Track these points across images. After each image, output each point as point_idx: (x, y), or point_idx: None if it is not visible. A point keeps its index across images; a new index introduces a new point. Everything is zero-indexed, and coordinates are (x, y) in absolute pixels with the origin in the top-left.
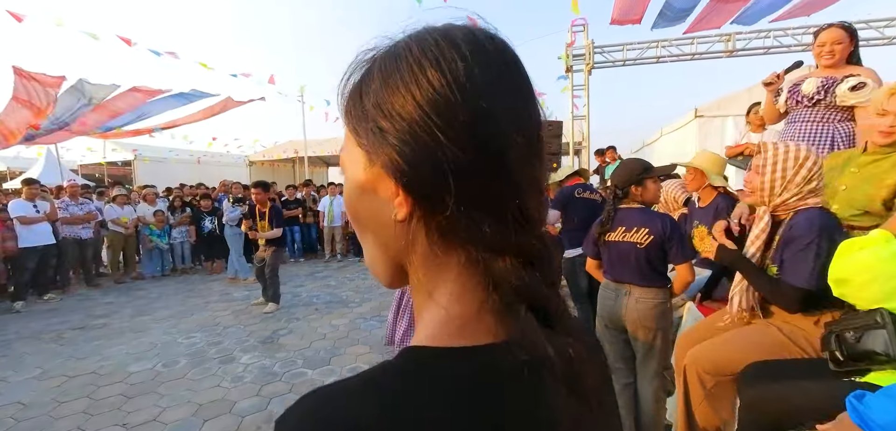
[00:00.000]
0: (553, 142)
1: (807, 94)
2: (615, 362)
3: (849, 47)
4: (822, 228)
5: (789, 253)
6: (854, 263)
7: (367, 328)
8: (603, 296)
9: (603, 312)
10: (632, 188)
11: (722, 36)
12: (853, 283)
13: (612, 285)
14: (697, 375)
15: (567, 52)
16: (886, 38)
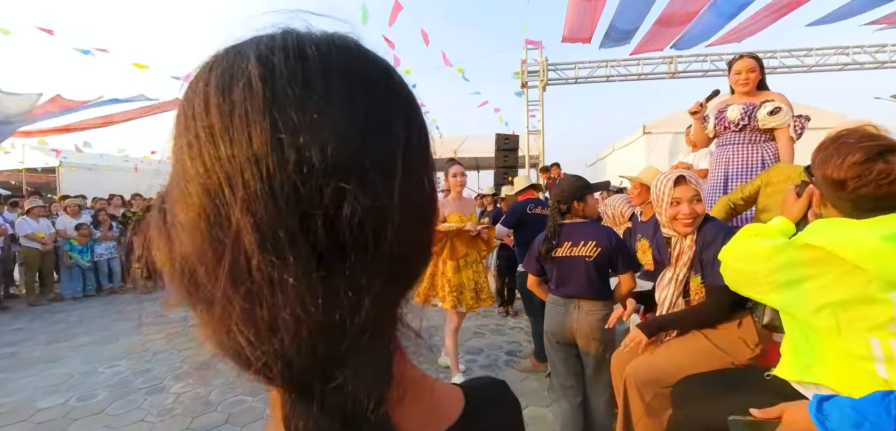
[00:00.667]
0: (510, 155)
1: (733, 121)
2: (567, 380)
3: (759, 75)
4: (727, 230)
5: (707, 256)
6: (735, 247)
7: None
8: (551, 313)
9: (552, 329)
10: (574, 203)
11: (665, 58)
12: (726, 266)
13: (560, 300)
14: (637, 388)
15: (522, 69)
16: (805, 66)
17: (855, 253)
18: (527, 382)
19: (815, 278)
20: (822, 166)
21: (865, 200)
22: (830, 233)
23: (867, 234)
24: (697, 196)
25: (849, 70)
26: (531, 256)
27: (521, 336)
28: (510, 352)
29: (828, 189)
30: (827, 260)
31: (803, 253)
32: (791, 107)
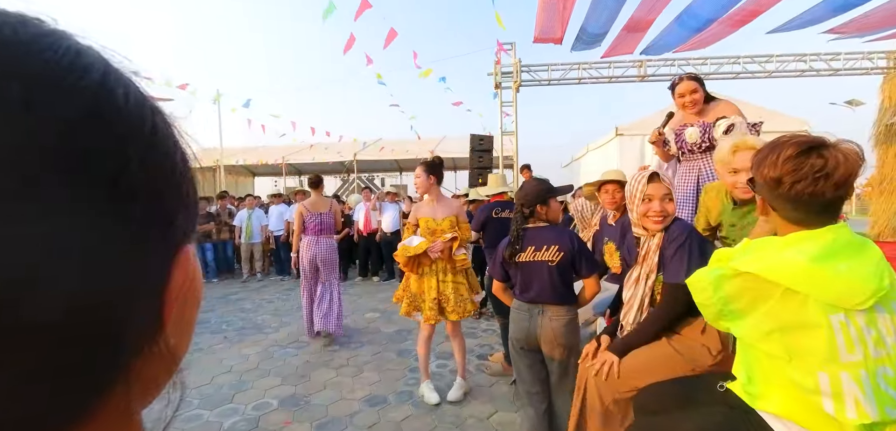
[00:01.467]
0: (485, 156)
1: (694, 144)
2: (532, 386)
3: (701, 93)
4: (691, 230)
5: (668, 254)
6: (693, 279)
7: (281, 356)
8: (516, 318)
9: (517, 335)
10: (537, 207)
11: (635, 62)
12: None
13: (525, 306)
14: (597, 391)
15: (496, 70)
16: (766, 72)
17: (786, 277)
18: (496, 386)
19: (758, 305)
20: (759, 167)
21: (803, 199)
22: (758, 258)
23: (796, 255)
24: (669, 195)
25: (806, 76)
26: (496, 261)
27: (493, 339)
28: (481, 356)
29: (767, 191)
30: (762, 286)
31: (738, 282)
32: (743, 116)
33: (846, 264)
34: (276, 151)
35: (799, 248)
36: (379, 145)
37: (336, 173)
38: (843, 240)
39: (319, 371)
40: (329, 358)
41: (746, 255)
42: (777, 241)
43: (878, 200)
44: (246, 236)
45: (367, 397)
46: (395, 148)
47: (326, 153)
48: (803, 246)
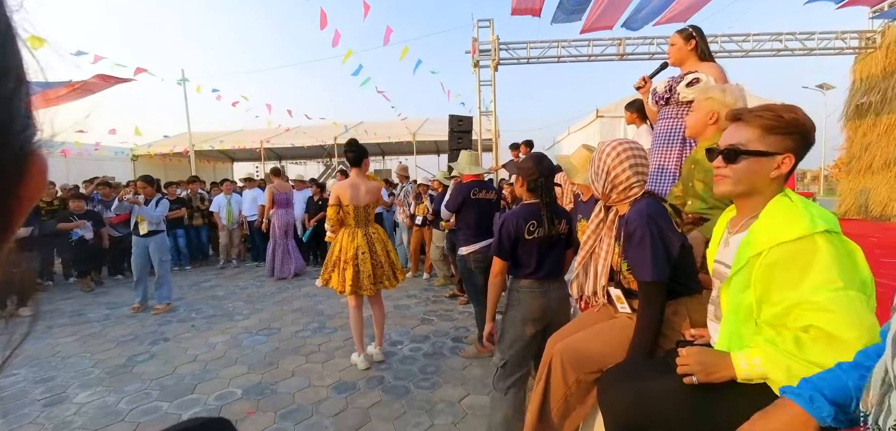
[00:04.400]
0: (464, 137)
1: (659, 93)
2: (523, 367)
3: (684, 48)
4: (649, 217)
5: (631, 250)
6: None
7: (250, 344)
8: (528, 298)
9: (533, 314)
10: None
11: (614, 40)
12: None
13: (538, 283)
14: (562, 369)
15: (474, 47)
16: (743, 51)
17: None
18: (469, 369)
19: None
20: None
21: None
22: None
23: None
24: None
25: (782, 56)
26: (503, 241)
27: (470, 321)
28: (456, 339)
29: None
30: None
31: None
32: (723, 79)
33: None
34: (254, 136)
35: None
36: (361, 128)
37: (317, 158)
38: None
39: (289, 358)
40: (299, 344)
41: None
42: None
43: (845, 180)
44: (228, 221)
45: (336, 383)
46: (378, 131)
47: (305, 137)
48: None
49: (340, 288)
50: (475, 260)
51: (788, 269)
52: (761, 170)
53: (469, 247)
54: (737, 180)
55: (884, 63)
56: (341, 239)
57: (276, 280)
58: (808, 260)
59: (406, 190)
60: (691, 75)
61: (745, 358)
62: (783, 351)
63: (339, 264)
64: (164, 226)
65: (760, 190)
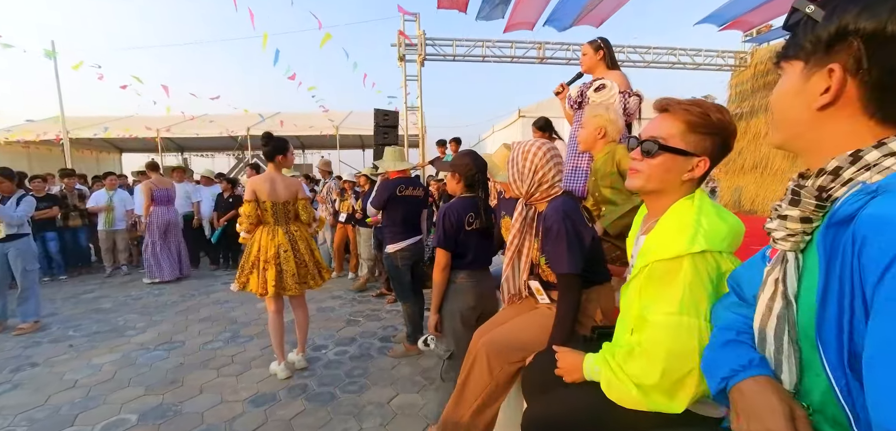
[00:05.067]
0: (390, 132)
1: (573, 98)
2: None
3: (594, 57)
4: (565, 213)
5: (548, 245)
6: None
7: (147, 361)
8: (466, 289)
9: (472, 303)
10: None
11: (535, 43)
12: None
13: (476, 273)
14: (487, 360)
15: (400, 41)
16: (645, 62)
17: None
18: (398, 369)
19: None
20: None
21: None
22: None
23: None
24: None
25: (676, 68)
26: (447, 233)
27: (398, 320)
28: (385, 339)
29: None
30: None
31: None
32: (626, 86)
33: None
34: (150, 123)
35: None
36: (278, 119)
37: (227, 150)
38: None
39: (196, 373)
40: (209, 357)
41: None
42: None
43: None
44: (106, 223)
45: (254, 396)
46: (297, 122)
47: (213, 127)
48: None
49: (261, 291)
50: (402, 258)
51: (656, 285)
52: (675, 170)
53: (396, 245)
54: (649, 176)
55: (752, 80)
56: (260, 239)
57: (158, 282)
58: (669, 279)
59: (329, 185)
60: (599, 82)
61: (591, 365)
62: (613, 363)
63: (258, 265)
64: (29, 229)
65: (670, 190)
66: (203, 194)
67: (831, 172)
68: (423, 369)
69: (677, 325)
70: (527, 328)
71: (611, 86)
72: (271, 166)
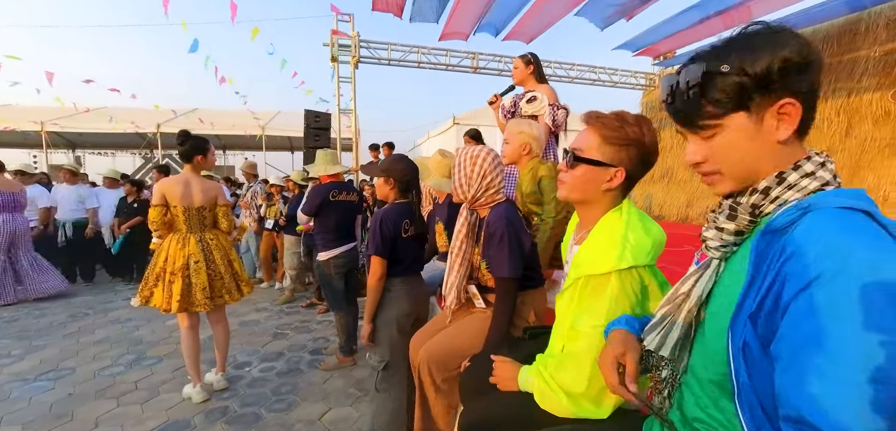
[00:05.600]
0: (322, 135)
1: (506, 108)
2: (404, 363)
3: (525, 71)
4: (508, 221)
5: (491, 249)
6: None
7: (24, 394)
8: (401, 295)
9: (408, 310)
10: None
11: (469, 53)
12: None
13: (411, 278)
14: (429, 370)
15: (332, 41)
16: (569, 77)
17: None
18: (331, 382)
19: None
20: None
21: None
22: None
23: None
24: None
25: (596, 85)
26: (385, 239)
27: (330, 331)
28: (315, 351)
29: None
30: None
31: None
32: (555, 99)
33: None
34: (33, 114)
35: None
36: (195, 116)
37: (133, 149)
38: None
39: (90, 405)
40: (106, 384)
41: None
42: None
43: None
44: None
45: (163, 425)
46: (217, 121)
47: (113, 122)
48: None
49: (165, 306)
50: (336, 266)
51: (587, 298)
52: (594, 180)
53: (329, 252)
54: (572, 186)
55: (659, 99)
56: (168, 248)
57: (33, 301)
58: (598, 293)
59: (254, 190)
60: (531, 94)
61: (525, 377)
62: (546, 374)
63: (163, 277)
64: None
65: (594, 200)
66: (102, 198)
67: (762, 191)
68: (356, 380)
69: (603, 336)
70: (463, 334)
71: (541, 98)
72: (188, 167)
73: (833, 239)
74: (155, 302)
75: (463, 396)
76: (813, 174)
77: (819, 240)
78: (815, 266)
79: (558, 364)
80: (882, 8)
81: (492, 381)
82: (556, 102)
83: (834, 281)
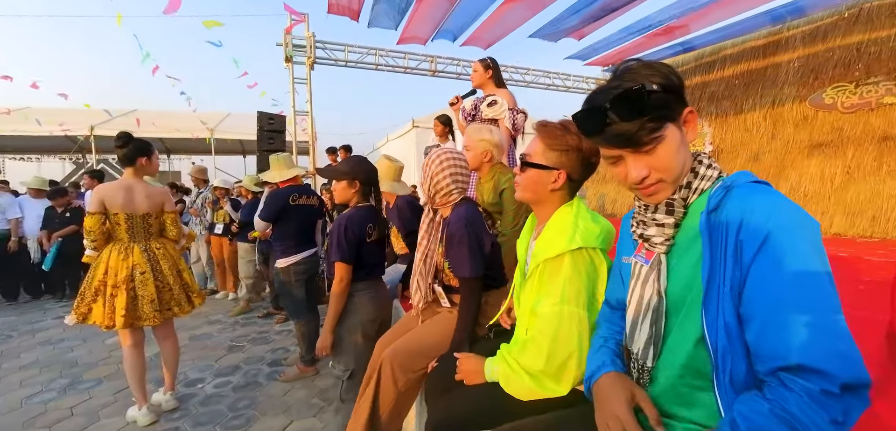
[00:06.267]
0: (276, 137)
1: (467, 110)
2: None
3: (484, 75)
4: (468, 221)
5: (451, 250)
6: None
7: None
8: (366, 300)
9: (373, 315)
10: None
11: (428, 56)
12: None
13: (375, 282)
14: (392, 373)
15: (286, 41)
16: (526, 82)
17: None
18: (292, 393)
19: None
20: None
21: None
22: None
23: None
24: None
25: (551, 90)
26: (350, 245)
27: (290, 340)
28: (274, 363)
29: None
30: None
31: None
32: (514, 104)
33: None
34: None
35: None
36: (133, 117)
37: (62, 152)
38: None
39: None
40: (35, 413)
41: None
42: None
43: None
44: None
45: None
46: (157, 122)
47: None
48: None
49: (108, 322)
50: (296, 273)
51: (545, 282)
52: (541, 182)
53: (289, 259)
54: (524, 187)
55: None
56: (107, 259)
57: None
58: (554, 275)
59: (204, 196)
60: (491, 98)
61: (490, 368)
62: (510, 358)
63: (103, 291)
64: None
65: (544, 200)
66: (27, 208)
67: (686, 186)
68: (320, 390)
69: (559, 314)
70: (429, 334)
71: (502, 102)
72: (130, 171)
73: (767, 203)
74: (94, 319)
75: (429, 396)
76: (710, 165)
77: (757, 207)
78: (764, 227)
79: (521, 347)
80: (798, 22)
81: (457, 378)
82: (515, 106)
83: (781, 233)
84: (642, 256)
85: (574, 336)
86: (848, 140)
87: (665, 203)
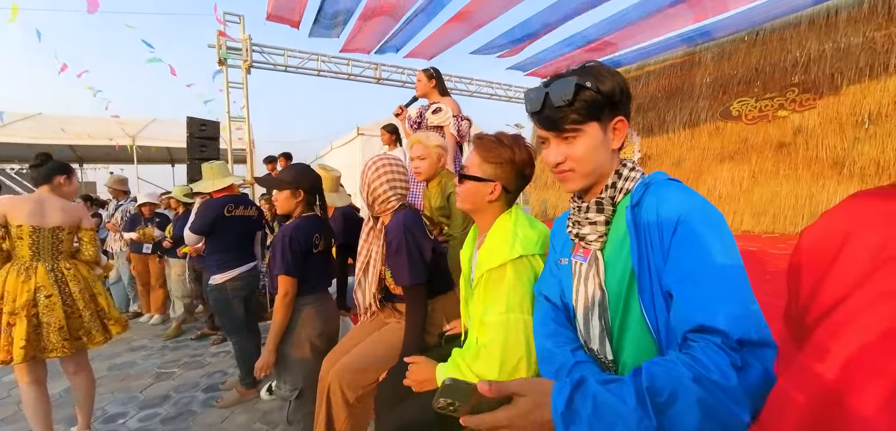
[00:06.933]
0: (209, 145)
1: (412, 118)
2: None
3: (427, 84)
4: (405, 227)
5: (390, 258)
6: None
7: None
8: (314, 314)
9: (323, 329)
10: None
11: (372, 64)
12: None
13: (323, 295)
14: (341, 391)
15: (220, 42)
16: (469, 91)
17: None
18: (231, 419)
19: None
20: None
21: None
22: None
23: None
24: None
25: (494, 99)
26: (296, 257)
27: (226, 363)
28: (211, 388)
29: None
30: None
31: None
32: (458, 111)
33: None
34: None
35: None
36: (35, 122)
37: None
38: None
39: None
40: None
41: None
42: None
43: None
44: None
45: None
46: (66, 127)
47: None
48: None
49: (4, 356)
50: (234, 289)
51: (490, 291)
52: (479, 193)
53: (226, 274)
54: (464, 198)
55: (526, 110)
56: (3, 282)
57: None
58: (498, 284)
59: (126, 209)
60: (435, 105)
61: (443, 373)
62: (463, 365)
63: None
64: None
65: (483, 209)
66: None
67: (611, 186)
68: (262, 413)
69: (506, 322)
70: (376, 347)
71: (446, 109)
72: (47, 188)
73: (678, 195)
74: None
75: (378, 408)
76: (634, 168)
77: (669, 198)
78: (676, 211)
79: (474, 354)
80: (708, 44)
81: (407, 384)
82: (459, 113)
83: (690, 217)
84: (580, 255)
85: (522, 341)
86: (751, 148)
87: (595, 202)
